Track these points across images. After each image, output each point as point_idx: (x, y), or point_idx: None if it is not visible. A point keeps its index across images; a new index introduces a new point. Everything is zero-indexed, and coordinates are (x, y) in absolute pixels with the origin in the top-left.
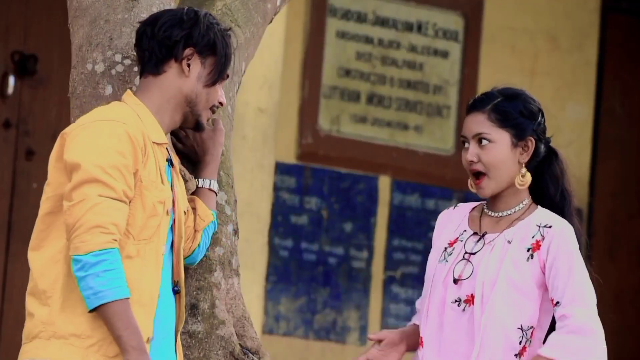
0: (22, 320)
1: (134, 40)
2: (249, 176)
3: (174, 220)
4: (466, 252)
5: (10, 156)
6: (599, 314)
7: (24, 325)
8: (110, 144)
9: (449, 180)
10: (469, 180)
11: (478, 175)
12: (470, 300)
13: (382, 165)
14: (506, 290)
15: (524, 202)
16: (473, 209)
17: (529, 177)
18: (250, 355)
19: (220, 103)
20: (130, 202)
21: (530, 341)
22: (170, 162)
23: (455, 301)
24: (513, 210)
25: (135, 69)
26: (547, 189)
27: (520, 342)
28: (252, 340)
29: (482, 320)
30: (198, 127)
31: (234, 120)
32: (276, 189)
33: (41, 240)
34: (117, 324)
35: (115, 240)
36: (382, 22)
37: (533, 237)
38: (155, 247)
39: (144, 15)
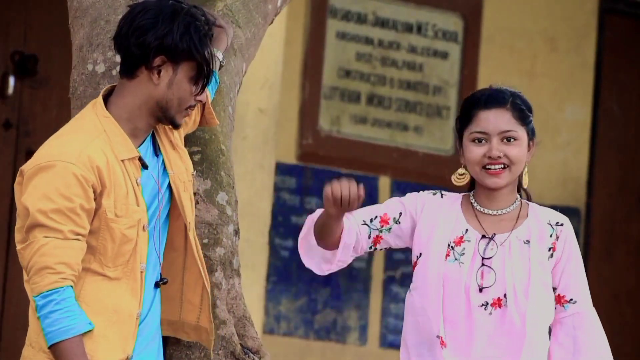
0: (23, 320)
1: None
2: (250, 176)
3: (177, 205)
4: (483, 258)
5: (10, 156)
6: (597, 311)
7: (24, 325)
8: (55, 189)
9: (449, 181)
10: (454, 176)
11: (497, 168)
12: (497, 303)
13: (382, 165)
14: (540, 292)
15: (518, 199)
16: (461, 204)
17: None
18: (250, 355)
19: (199, 101)
20: (85, 236)
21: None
22: (143, 165)
23: (482, 305)
24: (511, 207)
25: None
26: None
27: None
28: (252, 340)
29: (527, 325)
30: (174, 126)
31: (234, 120)
32: (277, 189)
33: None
34: None
35: (65, 279)
36: (382, 23)
37: (551, 236)
38: (132, 268)
39: None
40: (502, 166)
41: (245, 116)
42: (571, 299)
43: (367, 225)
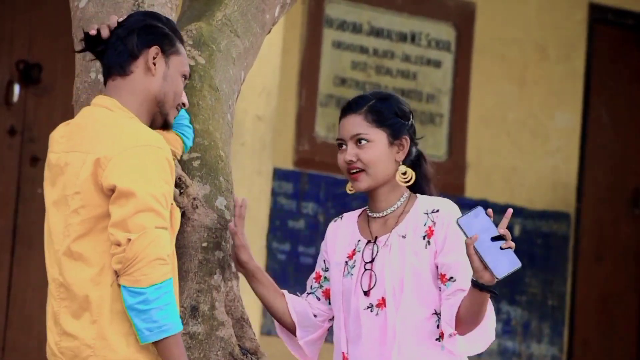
0: (27, 322)
1: None
2: (248, 182)
3: None
4: (365, 263)
5: (15, 162)
6: (587, 314)
7: (28, 326)
8: (157, 172)
9: (442, 186)
10: (348, 185)
11: (355, 172)
12: (382, 303)
13: None
14: (414, 283)
15: (404, 196)
16: (359, 216)
17: (410, 173)
18: (248, 355)
19: (184, 104)
20: None
21: None
22: None
23: (368, 307)
24: (395, 206)
25: None
26: (422, 189)
27: (438, 326)
28: (250, 341)
29: (397, 319)
30: (166, 126)
31: (233, 127)
32: (274, 194)
33: (75, 260)
34: (175, 353)
35: (169, 270)
36: (376, 32)
37: (425, 224)
38: (174, 260)
39: None
40: (359, 170)
41: (244, 123)
42: (451, 277)
43: (310, 293)
